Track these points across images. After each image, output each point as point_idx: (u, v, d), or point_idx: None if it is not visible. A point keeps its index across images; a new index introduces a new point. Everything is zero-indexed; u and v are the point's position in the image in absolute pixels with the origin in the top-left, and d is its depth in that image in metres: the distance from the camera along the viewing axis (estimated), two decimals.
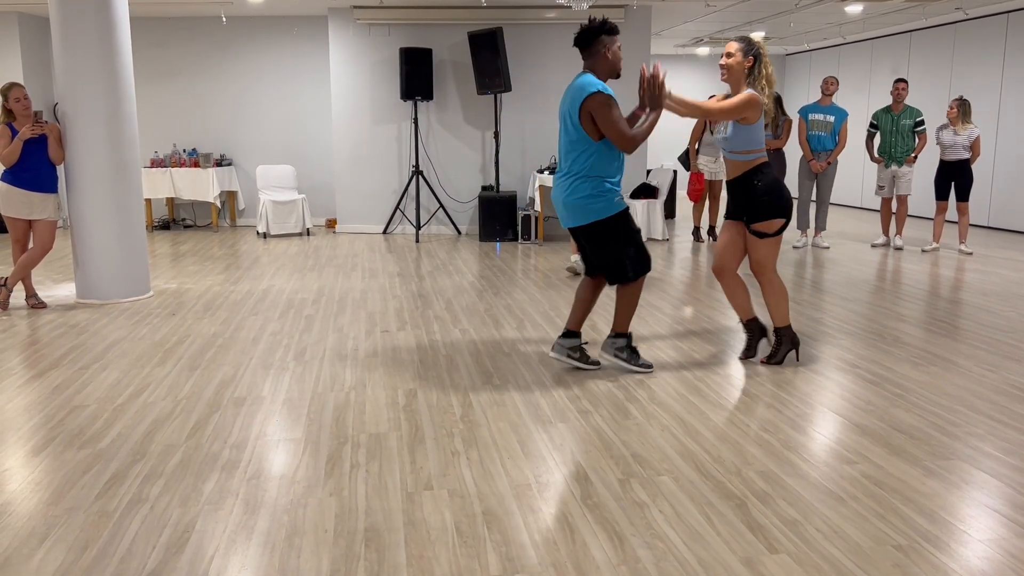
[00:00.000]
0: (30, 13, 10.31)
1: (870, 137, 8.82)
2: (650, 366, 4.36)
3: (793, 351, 4.49)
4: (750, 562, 2.42)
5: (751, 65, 4.16)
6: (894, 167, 8.63)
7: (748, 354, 4.55)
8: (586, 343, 4.45)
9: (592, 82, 4.02)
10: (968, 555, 2.46)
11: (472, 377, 4.26)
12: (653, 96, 4.07)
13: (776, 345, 4.47)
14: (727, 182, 4.42)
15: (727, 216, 4.47)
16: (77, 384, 4.13)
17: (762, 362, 4.47)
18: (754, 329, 4.56)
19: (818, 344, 4.89)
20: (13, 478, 3.01)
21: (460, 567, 2.39)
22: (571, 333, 4.35)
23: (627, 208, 4.16)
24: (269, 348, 4.82)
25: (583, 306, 4.33)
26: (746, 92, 4.13)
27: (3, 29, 10.12)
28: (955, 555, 2.46)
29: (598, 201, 4.06)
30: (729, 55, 4.19)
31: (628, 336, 4.33)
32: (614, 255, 4.14)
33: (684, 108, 4.15)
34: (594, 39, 4.07)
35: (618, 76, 4.16)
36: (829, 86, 8.78)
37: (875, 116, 8.79)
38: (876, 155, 8.76)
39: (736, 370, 4.38)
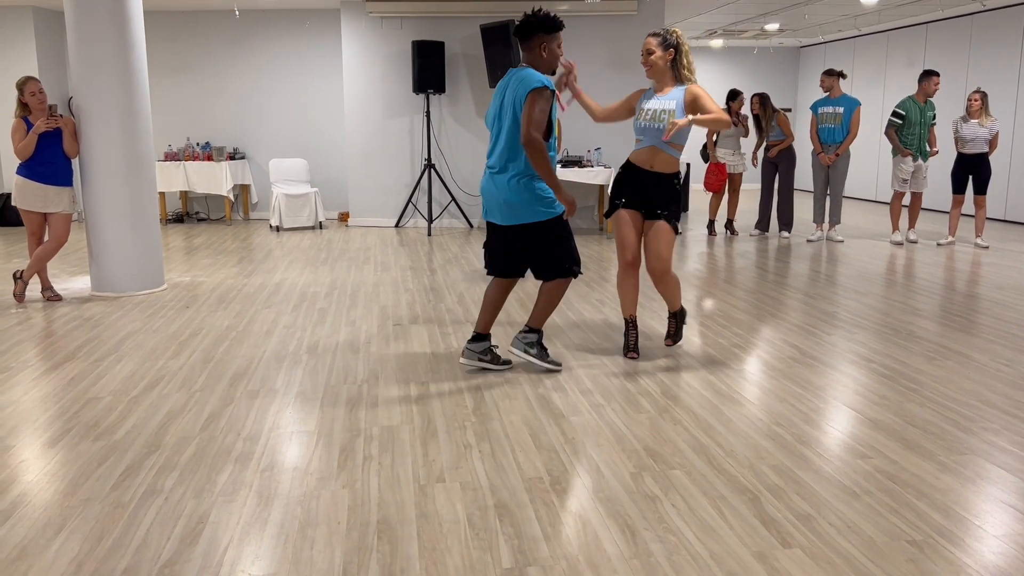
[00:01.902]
0: (45, 7, 10.36)
1: (896, 128, 8.39)
2: (559, 364, 4.24)
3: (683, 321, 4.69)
4: (763, 556, 2.41)
5: (673, 57, 4.25)
6: (919, 161, 8.47)
7: (636, 351, 4.49)
8: (495, 345, 4.30)
9: (537, 76, 3.78)
10: (983, 550, 2.44)
11: (484, 370, 4.26)
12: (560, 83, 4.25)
13: (676, 325, 4.64)
14: (648, 172, 4.30)
15: (626, 205, 4.37)
16: (92, 376, 4.16)
17: (667, 344, 4.68)
18: (636, 326, 4.57)
19: (832, 338, 4.87)
20: (29, 469, 3.04)
21: (472, 559, 2.40)
22: (480, 336, 4.20)
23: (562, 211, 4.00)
24: (282, 341, 4.84)
25: (493, 308, 4.17)
26: (693, 87, 4.22)
27: (18, 23, 10.18)
28: (970, 550, 2.44)
29: (540, 203, 3.89)
30: (650, 52, 4.24)
31: (540, 332, 4.22)
32: (559, 252, 3.99)
33: (710, 121, 4.15)
34: (531, 33, 3.84)
35: (553, 73, 3.98)
36: (822, 82, 8.70)
37: (904, 107, 8.38)
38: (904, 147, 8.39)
39: (749, 364, 4.37)
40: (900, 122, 8.36)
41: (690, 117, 4.10)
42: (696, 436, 3.34)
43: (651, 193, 4.31)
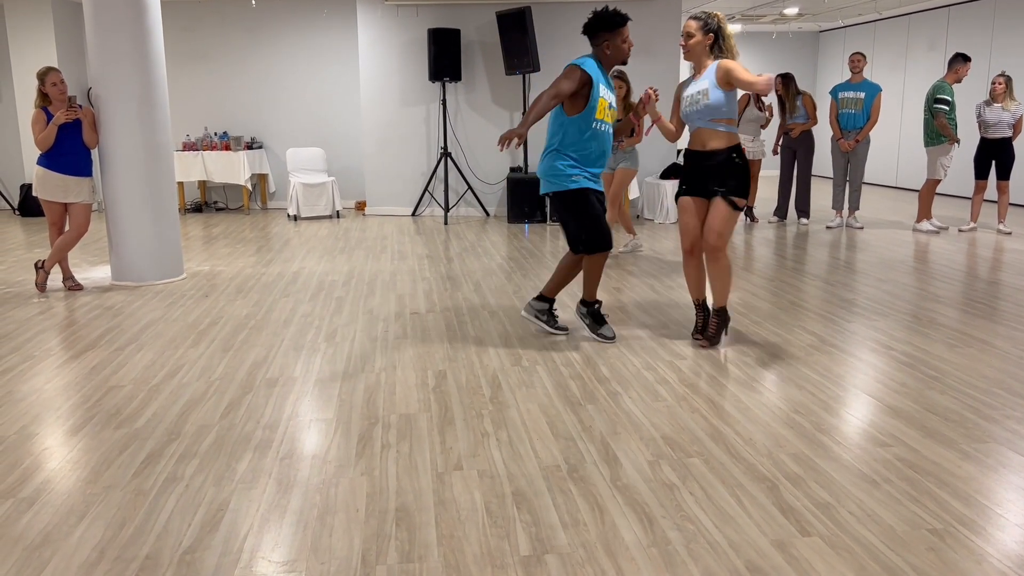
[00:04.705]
0: None
1: (945, 115, 8.03)
2: (611, 337, 4.53)
3: (725, 329, 4.52)
4: (781, 544, 2.40)
5: (712, 42, 4.19)
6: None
7: (702, 333, 4.51)
8: (556, 309, 4.79)
9: (579, 59, 4.20)
10: (1005, 539, 2.42)
11: (501, 359, 4.26)
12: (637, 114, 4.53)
13: (717, 325, 4.42)
14: (701, 153, 4.26)
15: (687, 192, 4.35)
16: (113, 365, 4.20)
17: (703, 345, 4.42)
18: (707, 309, 4.54)
19: (852, 325, 4.83)
20: (52, 457, 3.08)
21: (490, 547, 2.40)
22: (543, 298, 4.69)
23: (583, 189, 4.27)
24: (300, 330, 4.87)
25: (559, 275, 4.57)
26: (723, 61, 4.13)
27: (38, 14, 10.25)
28: (991, 539, 2.42)
29: (557, 176, 4.30)
30: (690, 36, 4.19)
31: (591, 304, 4.55)
32: (572, 228, 4.37)
33: (747, 83, 4.04)
34: (595, 32, 4.22)
35: (623, 63, 4.32)
36: (856, 63, 8.53)
37: (947, 91, 8.04)
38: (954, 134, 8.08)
39: (767, 352, 4.34)
40: (948, 108, 8.03)
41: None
42: (714, 424, 3.33)
43: (710, 173, 4.25)
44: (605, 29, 4.16)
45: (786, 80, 8.96)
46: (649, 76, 9.81)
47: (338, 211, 10.28)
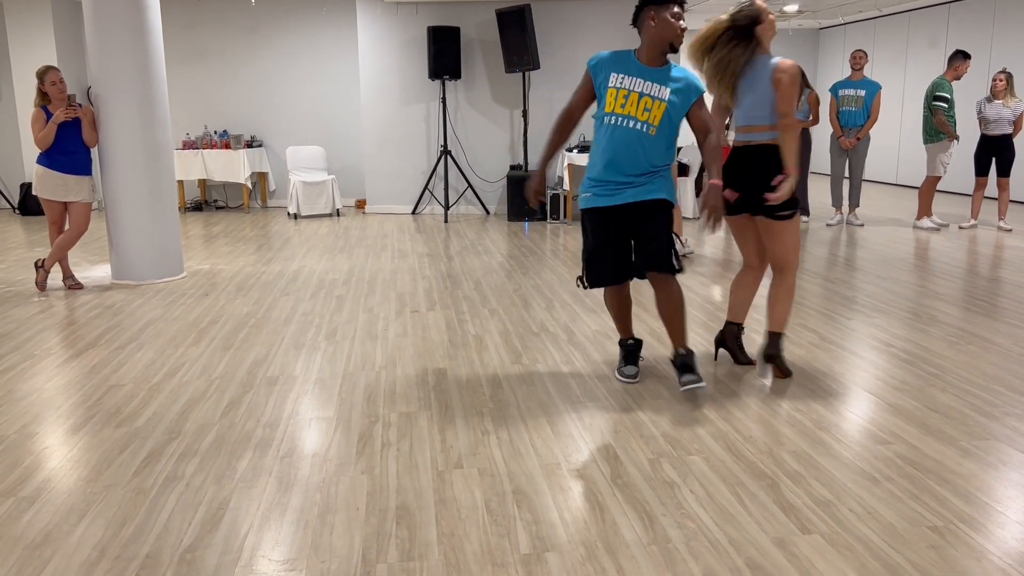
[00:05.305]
0: None
1: (944, 112, 8.04)
2: (630, 376, 3.82)
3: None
4: (782, 542, 2.40)
5: None
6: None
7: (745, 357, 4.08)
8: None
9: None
10: (1005, 536, 2.42)
11: (501, 357, 4.26)
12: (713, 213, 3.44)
13: (781, 354, 3.83)
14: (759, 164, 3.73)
15: (742, 210, 3.79)
16: (113, 364, 4.20)
17: (780, 375, 3.87)
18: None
19: (852, 323, 4.83)
20: (53, 455, 3.08)
21: (491, 545, 2.40)
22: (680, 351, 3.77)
23: (585, 209, 3.65)
24: (301, 328, 4.87)
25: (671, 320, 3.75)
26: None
27: (37, 12, 10.24)
28: (992, 536, 2.42)
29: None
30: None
31: (621, 342, 3.93)
32: None
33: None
34: (639, 11, 3.55)
35: (675, 50, 3.52)
36: (858, 60, 8.52)
37: (946, 88, 8.03)
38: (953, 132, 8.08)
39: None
40: (946, 106, 8.04)
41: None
42: (714, 422, 3.33)
43: (761, 186, 3.74)
44: (652, 3, 3.49)
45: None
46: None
47: (338, 209, 10.28)
